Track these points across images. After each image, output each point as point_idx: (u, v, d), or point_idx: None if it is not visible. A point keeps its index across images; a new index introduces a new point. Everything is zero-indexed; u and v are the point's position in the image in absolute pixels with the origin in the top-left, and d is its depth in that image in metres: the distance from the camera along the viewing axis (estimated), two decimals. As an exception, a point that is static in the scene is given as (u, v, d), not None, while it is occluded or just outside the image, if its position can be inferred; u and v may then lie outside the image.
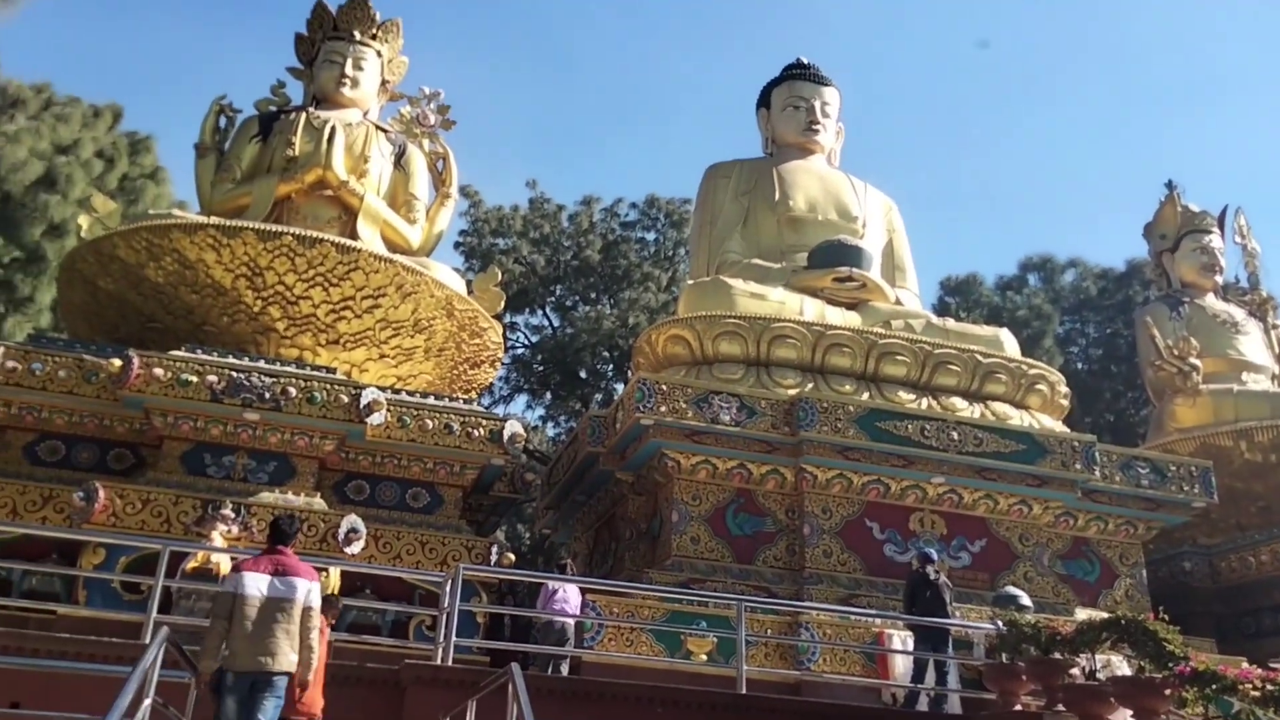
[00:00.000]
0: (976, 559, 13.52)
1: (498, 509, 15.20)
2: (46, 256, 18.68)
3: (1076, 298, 33.43)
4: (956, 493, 13.55)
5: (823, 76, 19.36)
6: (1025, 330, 28.12)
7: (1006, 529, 13.81)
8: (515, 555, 12.24)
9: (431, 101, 15.71)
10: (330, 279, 12.67)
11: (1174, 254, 20.87)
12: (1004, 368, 14.93)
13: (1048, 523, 14.08)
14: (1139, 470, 14.44)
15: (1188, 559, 16.45)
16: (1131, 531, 14.67)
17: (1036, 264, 34.59)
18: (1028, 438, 13.81)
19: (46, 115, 21.18)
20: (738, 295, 15.09)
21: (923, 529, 13.49)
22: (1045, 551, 13.95)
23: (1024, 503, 13.76)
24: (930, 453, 13.28)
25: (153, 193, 21.77)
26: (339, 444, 12.00)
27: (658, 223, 32.38)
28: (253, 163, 14.56)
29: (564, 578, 10.99)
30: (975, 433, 13.55)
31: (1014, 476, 13.63)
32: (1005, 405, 14.73)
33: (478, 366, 15.08)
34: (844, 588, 12.61)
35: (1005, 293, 33.15)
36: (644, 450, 13.27)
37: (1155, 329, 19.30)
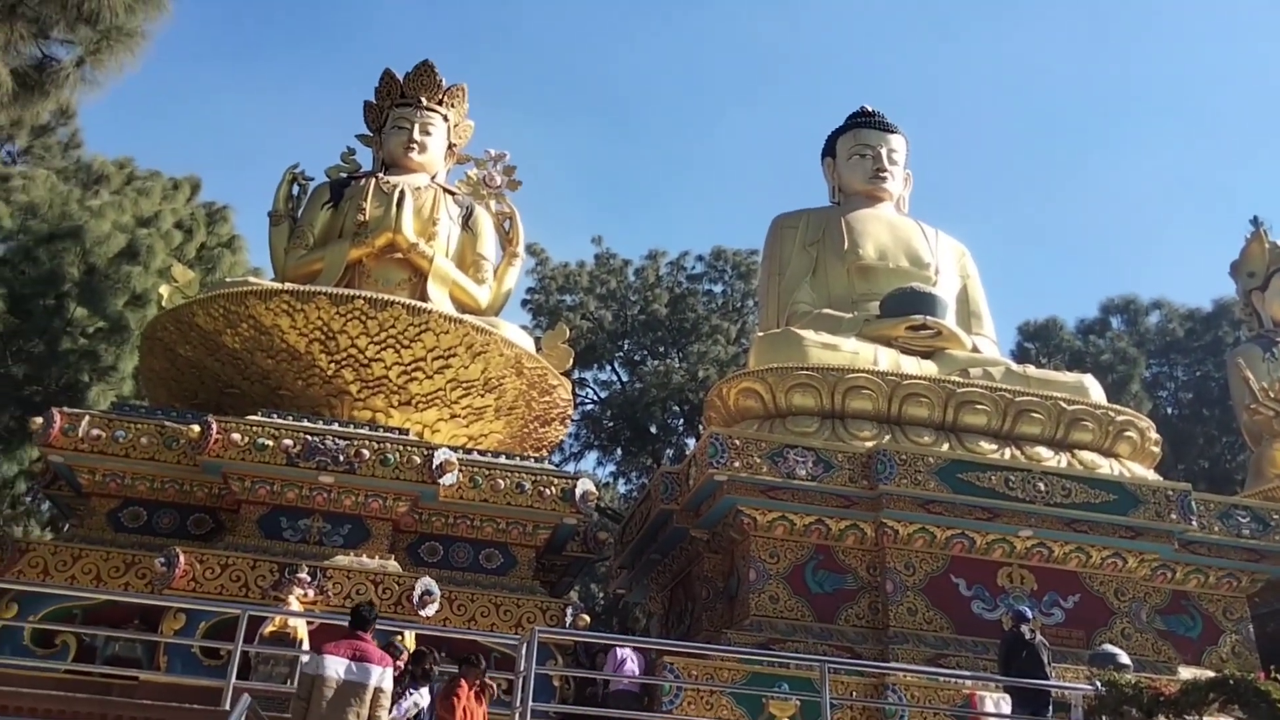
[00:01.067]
0: (1070, 615, 13.08)
1: (571, 569, 15.07)
2: (129, 326, 19.44)
3: (1163, 340, 32.43)
4: (1046, 546, 13.13)
5: (888, 123, 19.28)
6: (1110, 375, 27.41)
7: (1100, 583, 13.33)
8: (590, 616, 12.08)
9: (497, 163, 16.06)
10: (401, 341, 12.86)
11: (1264, 292, 20.41)
12: (1090, 415, 14.54)
13: (1144, 576, 13.58)
14: (1239, 519, 13.97)
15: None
16: (1234, 584, 14.10)
17: (1119, 306, 33.69)
18: (1119, 487, 13.39)
19: (129, 189, 22.29)
20: (810, 346, 14.93)
21: (1012, 584, 13.10)
22: (1143, 607, 13.46)
23: (1118, 555, 13.29)
24: (1016, 504, 12.93)
25: (229, 261, 22.66)
26: (412, 505, 12.07)
27: (725, 275, 32.36)
28: (325, 229, 15.03)
29: (636, 640, 10.79)
30: (1063, 483, 13.17)
31: (1106, 528, 13.19)
32: (1093, 454, 14.34)
33: (548, 424, 15.09)
34: (931, 647, 12.23)
35: (1087, 336, 32.30)
36: (718, 507, 13.09)
37: (1248, 371, 18.78)
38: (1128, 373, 29.38)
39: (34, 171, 21.03)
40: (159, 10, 7.81)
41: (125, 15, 7.53)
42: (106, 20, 7.46)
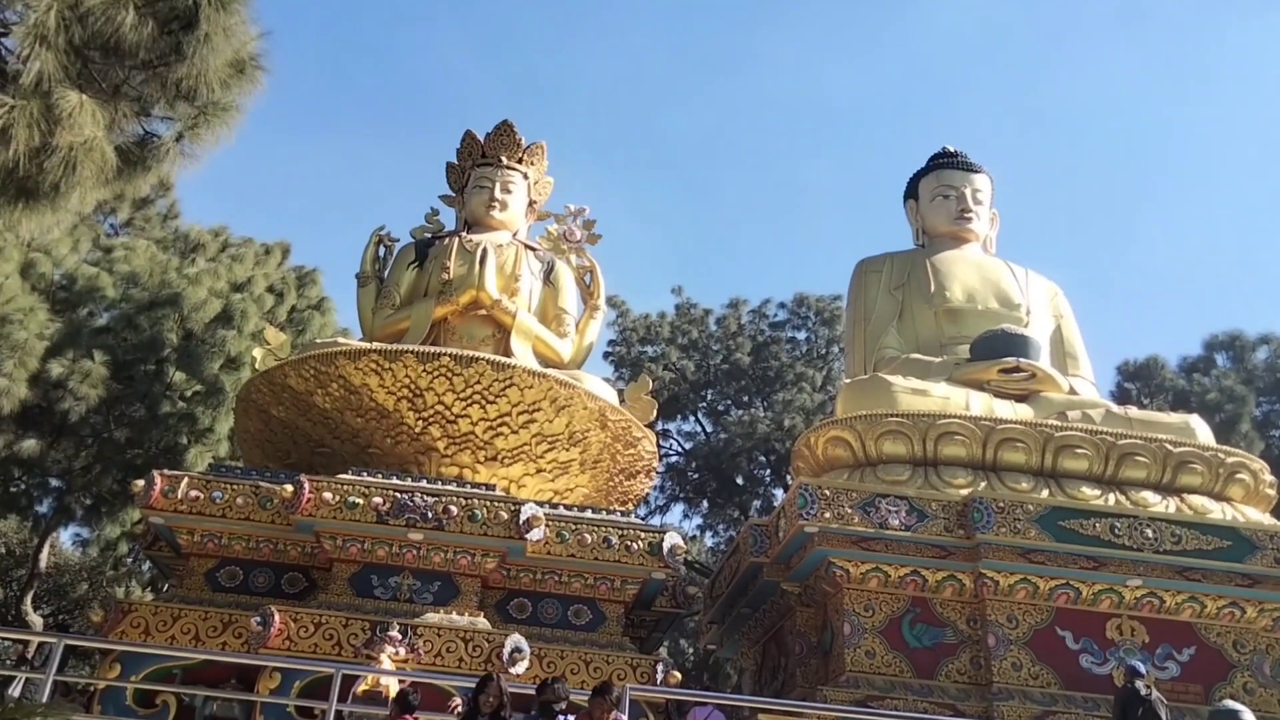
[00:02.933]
0: (1186, 669, 12.43)
1: (660, 624, 14.84)
2: (224, 389, 20.04)
3: (1272, 376, 30.97)
4: (1157, 596, 12.53)
5: (971, 163, 18.97)
6: (1218, 415, 26.25)
7: (1218, 635, 12.65)
8: (680, 673, 11.85)
9: (577, 218, 16.27)
10: (487, 396, 12.97)
11: None
12: (1198, 457, 13.89)
13: (1265, 627, 12.83)
14: None
15: None
16: None
17: (1224, 342, 32.30)
18: (1233, 533, 12.73)
19: (223, 256, 23.18)
20: (899, 392, 14.60)
21: (1122, 637, 12.52)
22: (1265, 659, 12.71)
23: (1235, 605, 12.61)
24: (1123, 553, 12.40)
25: (319, 322, 23.27)
26: (500, 561, 12.05)
27: (808, 321, 32.06)
28: (411, 288, 15.36)
29: (727, 697, 10.53)
30: (1172, 529, 12.60)
31: (1221, 576, 12.53)
32: (1203, 498, 13.68)
33: (633, 477, 14.99)
34: (1038, 703, 11.71)
35: (1191, 375, 31.02)
36: (810, 559, 12.78)
37: None
38: (1236, 411, 28.07)
39: (135, 242, 21.99)
40: (253, 85, 8.12)
41: (221, 91, 7.85)
42: (204, 96, 7.79)
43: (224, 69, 7.79)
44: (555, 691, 7.75)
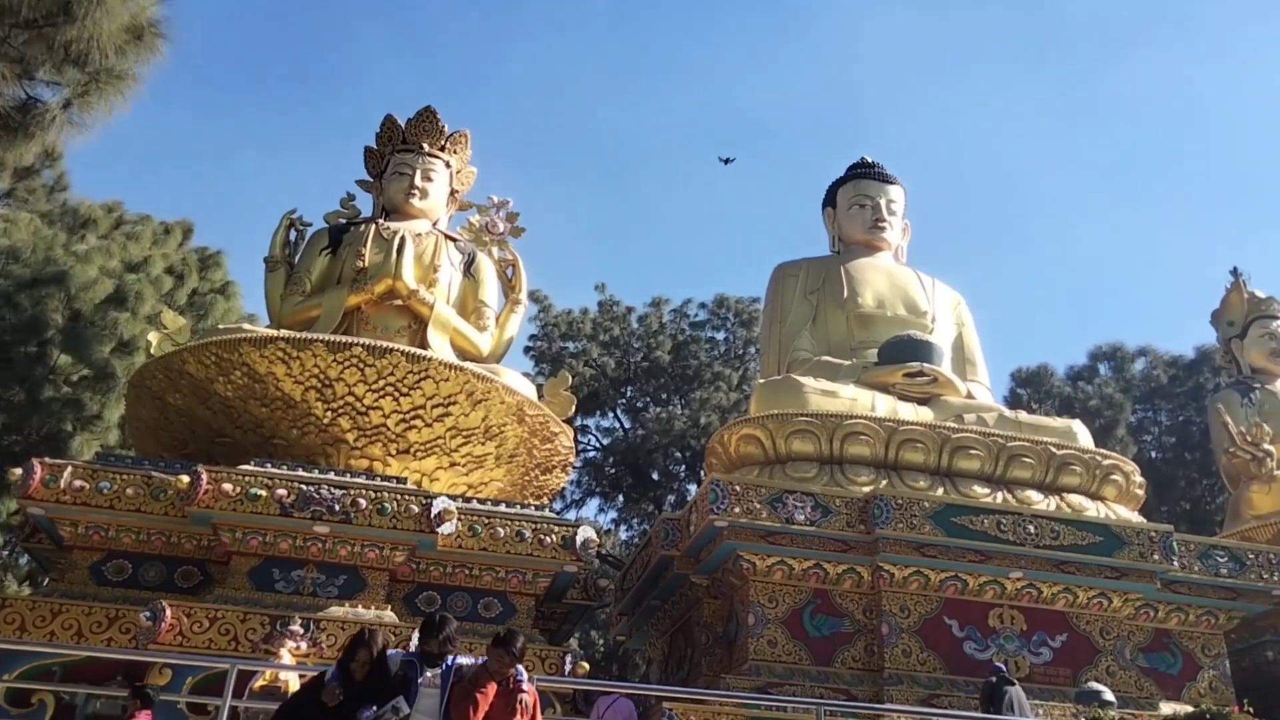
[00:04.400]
0: (1058, 655, 12.99)
1: (571, 616, 14.57)
2: (115, 374, 18.53)
3: (1148, 386, 32.53)
4: (1035, 587, 13.05)
5: (887, 175, 19.27)
6: (1098, 420, 27.45)
7: (1087, 623, 13.26)
8: (590, 663, 11.60)
9: (500, 210, 15.72)
10: (400, 388, 12.42)
11: (1243, 340, 20.63)
12: (1078, 459, 14.52)
13: (1128, 615, 13.52)
14: (1218, 559, 13.99)
15: (1270, 648, 16.09)
16: (1213, 622, 14.06)
17: (1107, 353, 33.81)
18: (1105, 529, 13.31)
19: (117, 234, 21.33)
20: (809, 393, 14.77)
21: (1002, 625, 12.98)
22: (1127, 645, 13.39)
23: (1103, 595, 13.24)
24: (1007, 547, 12.85)
25: (222, 307, 21.77)
26: (410, 555, 11.58)
27: (727, 322, 32.10)
28: (323, 275, 14.56)
29: (633, 686, 10.38)
30: (1052, 526, 13.11)
31: (1092, 569, 13.14)
32: (1081, 497, 14.29)
33: (549, 471, 14.64)
34: (924, 688, 12.05)
35: (1077, 383, 32.33)
36: (719, 552, 12.81)
37: (1227, 416, 18.99)
38: (1114, 417, 29.34)
39: (16, 215, 20.18)
40: (151, 53, 7.46)
41: (116, 57, 7.18)
42: (96, 62, 7.10)
43: (119, 34, 7.12)
44: (442, 641, 6.39)
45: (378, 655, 6.41)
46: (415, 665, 6.37)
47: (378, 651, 6.42)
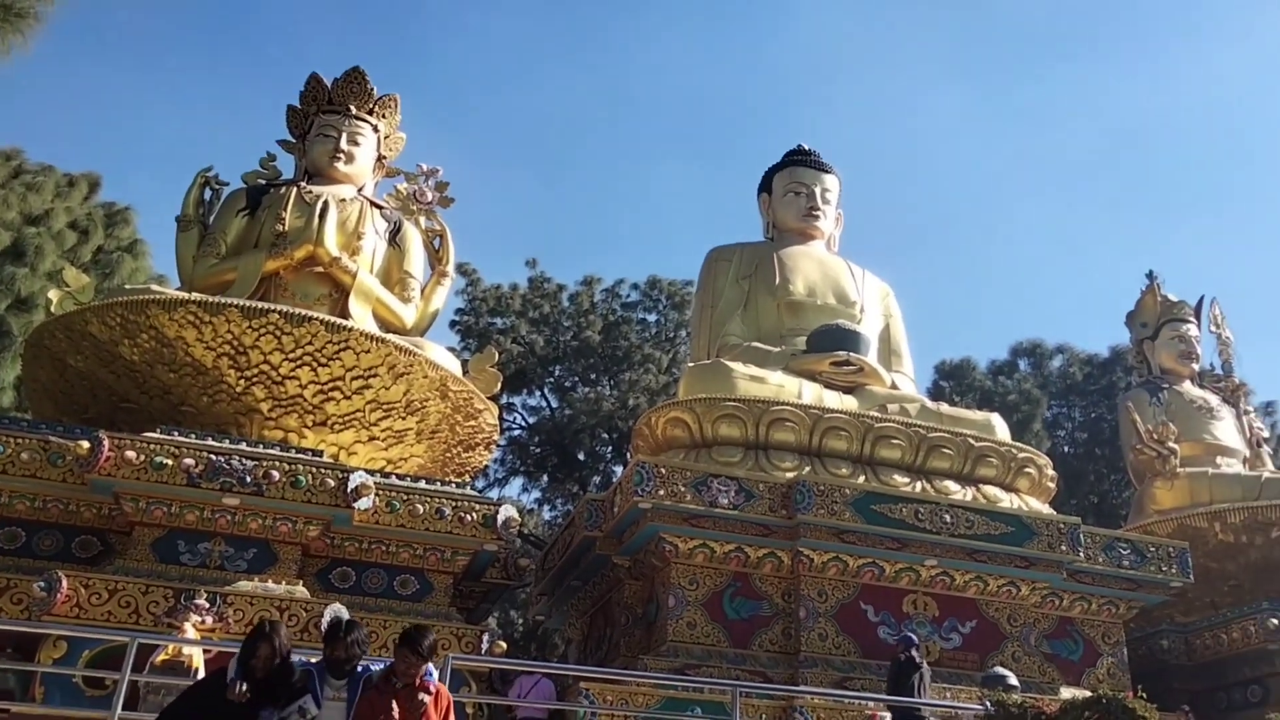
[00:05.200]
0: (966, 640, 13.43)
1: (490, 595, 14.55)
2: (11, 332, 17.64)
3: (1064, 383, 33.72)
4: (949, 575, 13.44)
5: (823, 163, 19.50)
6: (1015, 414, 28.34)
7: (996, 610, 13.73)
8: (508, 643, 11.63)
9: (429, 178, 15.45)
10: (319, 359, 12.17)
11: (1154, 341, 21.35)
12: (995, 451, 14.94)
13: (1035, 603, 14.00)
14: (1120, 551, 14.54)
15: (1165, 637, 16.64)
16: (1113, 611, 14.67)
17: (1027, 350, 34.92)
18: (1016, 520, 13.77)
19: (16, 184, 20.14)
20: (738, 378, 14.93)
21: (916, 611, 13.36)
22: (1032, 631, 13.89)
23: (1013, 584, 13.70)
24: (924, 535, 13.19)
25: (130, 266, 20.87)
26: (324, 530, 11.40)
27: (659, 304, 32.14)
28: (239, 237, 14.10)
29: (550, 666, 10.48)
30: (967, 515, 13.48)
31: (1003, 558, 13.58)
32: (995, 488, 14.73)
33: (472, 449, 14.55)
34: (839, 671, 12.36)
35: (997, 377, 33.32)
36: (642, 534, 12.90)
37: (1136, 414, 19.63)
38: (1031, 412, 30.30)
39: None
40: (54, -7, 7.12)
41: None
42: (-8, -2, 6.75)
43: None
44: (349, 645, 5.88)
45: (282, 652, 5.94)
46: (313, 676, 5.85)
47: (280, 647, 5.94)
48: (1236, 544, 17.32)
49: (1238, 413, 20.47)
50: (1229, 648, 15.71)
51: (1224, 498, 17.90)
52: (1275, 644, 14.98)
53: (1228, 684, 15.87)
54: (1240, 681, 15.68)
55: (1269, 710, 13.31)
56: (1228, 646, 15.74)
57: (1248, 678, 15.58)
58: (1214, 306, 21.86)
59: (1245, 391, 21.12)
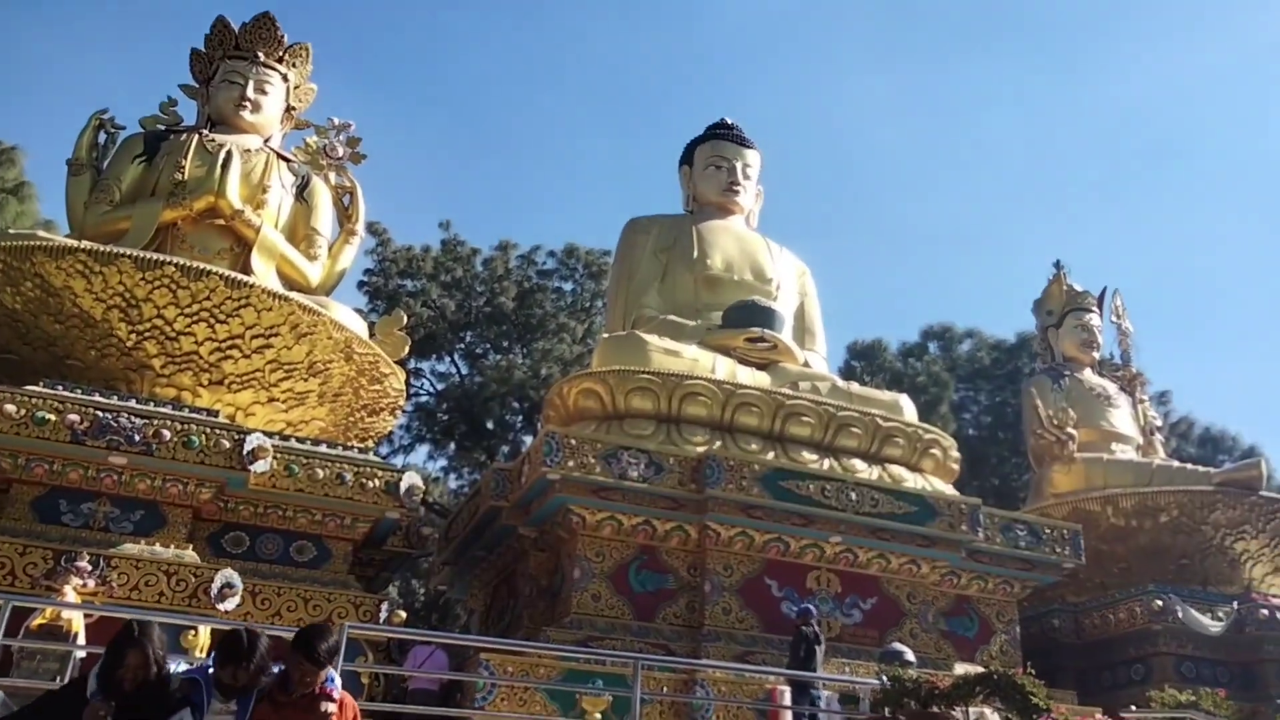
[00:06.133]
0: (867, 616, 13.79)
1: (391, 564, 14.43)
2: None
3: (972, 367, 34.71)
4: (852, 552, 13.76)
5: (745, 138, 19.67)
6: (923, 396, 28.97)
7: (896, 587, 14.11)
8: (409, 613, 11.59)
9: (340, 133, 15.11)
10: (217, 315, 11.86)
11: (1058, 329, 22.06)
12: (902, 432, 15.32)
13: (934, 581, 14.42)
14: (1018, 532, 15.03)
15: (1056, 616, 17.24)
16: (1009, 590, 15.18)
17: (937, 333, 35.84)
18: (920, 500, 14.14)
19: None
20: (652, 351, 15.05)
21: (819, 587, 13.66)
22: (930, 609, 14.31)
23: (914, 562, 14.09)
24: (829, 512, 13.46)
25: (14, 210, 19.84)
26: (217, 492, 11.18)
27: (576, 273, 32.05)
28: (135, 185, 13.57)
29: (449, 636, 10.47)
30: (872, 494, 13.82)
31: (906, 537, 13.94)
32: (901, 468, 15.10)
33: (376, 414, 14.38)
34: (741, 645, 12.59)
35: (907, 359, 34.14)
36: (549, 505, 12.95)
37: (1039, 399, 20.27)
38: (939, 394, 31.17)
39: None
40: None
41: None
42: None
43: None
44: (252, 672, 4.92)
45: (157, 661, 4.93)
46: (200, 686, 4.92)
47: (155, 655, 4.92)
48: (1127, 528, 18.10)
49: (1133, 401, 21.41)
50: (1116, 627, 16.46)
51: (1117, 483, 18.63)
52: (1159, 624, 15.75)
53: (1113, 662, 16.67)
54: (1125, 660, 16.49)
55: (1150, 688, 13.96)
56: (1114, 626, 16.48)
57: (1132, 656, 16.39)
58: (1116, 298, 22.75)
59: (1142, 381, 22.03)
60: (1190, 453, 29.80)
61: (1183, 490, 18.07)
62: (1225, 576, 17.87)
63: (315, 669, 4.96)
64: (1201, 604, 16.33)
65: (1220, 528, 17.83)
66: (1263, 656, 16.02)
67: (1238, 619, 16.16)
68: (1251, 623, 16.06)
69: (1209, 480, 18.45)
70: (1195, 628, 15.85)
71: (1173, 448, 26.42)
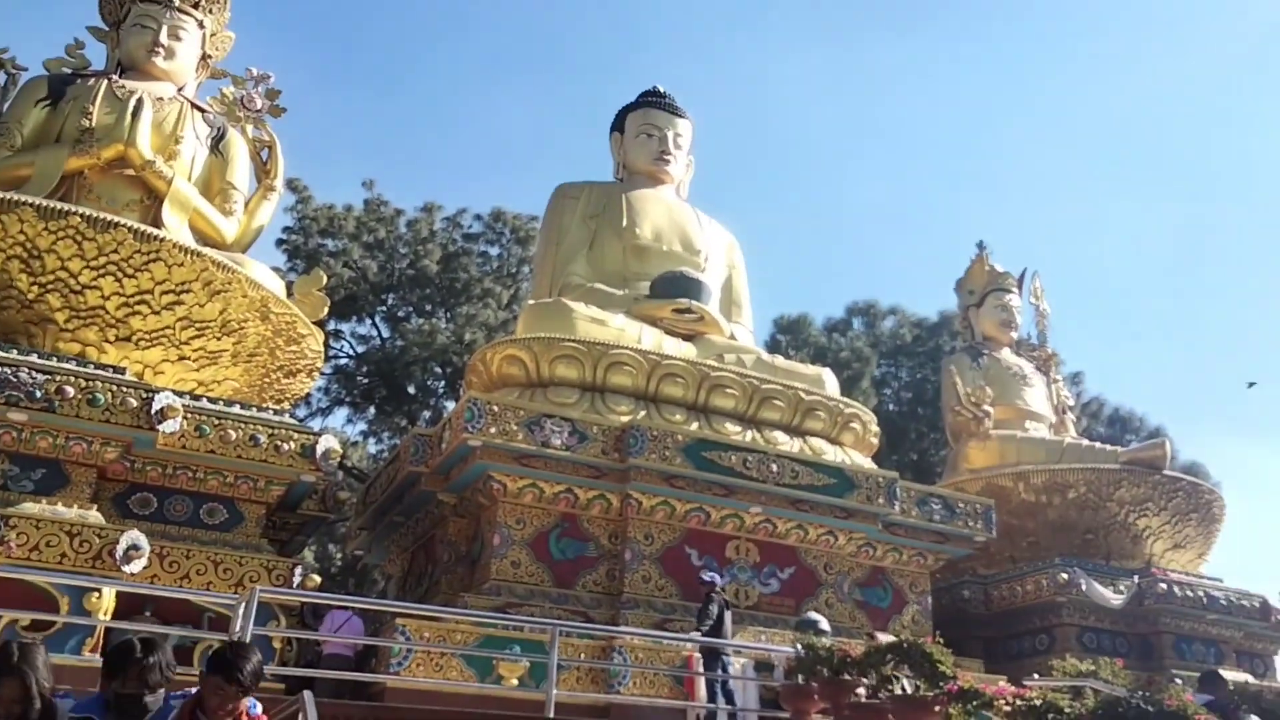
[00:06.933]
0: (784, 586, 14.13)
1: (306, 528, 14.37)
2: None
3: (894, 343, 35.53)
4: (772, 522, 14.07)
5: (677, 107, 19.73)
6: (846, 371, 29.55)
7: (814, 558, 14.48)
8: (324, 577, 11.58)
9: (259, 84, 14.72)
10: (125, 269, 11.58)
11: (979, 309, 22.68)
12: (823, 405, 15.66)
13: (850, 553, 14.83)
14: (933, 506, 15.47)
15: (967, 588, 17.83)
16: (922, 562, 15.70)
17: (861, 309, 36.59)
18: (839, 472, 14.50)
19: None
20: (578, 319, 15.13)
21: (738, 556, 13.95)
22: (846, 580, 14.74)
23: (831, 533, 14.45)
24: (750, 483, 13.72)
25: None
26: (123, 452, 10.97)
27: (503, 238, 31.89)
28: (37, 130, 13.10)
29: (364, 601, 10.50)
30: (792, 466, 14.11)
31: (824, 508, 14.29)
32: (822, 441, 15.44)
33: (293, 375, 14.22)
34: (659, 612, 12.83)
35: (832, 334, 34.81)
36: (470, 472, 13.01)
37: (957, 377, 20.84)
38: (861, 370, 31.86)
39: None
40: None
41: None
42: None
43: None
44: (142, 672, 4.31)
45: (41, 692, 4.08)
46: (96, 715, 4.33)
47: (37, 686, 4.07)
48: (1037, 503, 18.76)
49: (1048, 381, 22.12)
50: (1022, 599, 17.12)
51: (1029, 460, 19.29)
52: (1064, 597, 16.42)
53: (1019, 632, 17.40)
54: (1030, 630, 17.22)
55: (1054, 657, 14.54)
56: (1021, 598, 17.13)
57: (1037, 627, 17.11)
58: (1035, 279, 23.44)
59: (1056, 361, 22.80)
60: (1100, 432, 31.06)
61: (1090, 468, 18.79)
62: (1127, 551, 18.72)
63: (238, 693, 4.41)
64: (1104, 577, 17.06)
65: (1125, 504, 18.66)
66: (1160, 628, 16.92)
67: (1138, 592, 16.94)
68: (1150, 596, 16.88)
69: (1116, 459, 19.22)
70: (1098, 600, 16.59)
71: (1083, 427, 27.57)
